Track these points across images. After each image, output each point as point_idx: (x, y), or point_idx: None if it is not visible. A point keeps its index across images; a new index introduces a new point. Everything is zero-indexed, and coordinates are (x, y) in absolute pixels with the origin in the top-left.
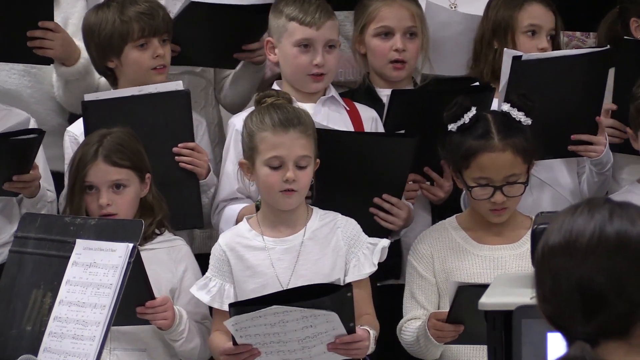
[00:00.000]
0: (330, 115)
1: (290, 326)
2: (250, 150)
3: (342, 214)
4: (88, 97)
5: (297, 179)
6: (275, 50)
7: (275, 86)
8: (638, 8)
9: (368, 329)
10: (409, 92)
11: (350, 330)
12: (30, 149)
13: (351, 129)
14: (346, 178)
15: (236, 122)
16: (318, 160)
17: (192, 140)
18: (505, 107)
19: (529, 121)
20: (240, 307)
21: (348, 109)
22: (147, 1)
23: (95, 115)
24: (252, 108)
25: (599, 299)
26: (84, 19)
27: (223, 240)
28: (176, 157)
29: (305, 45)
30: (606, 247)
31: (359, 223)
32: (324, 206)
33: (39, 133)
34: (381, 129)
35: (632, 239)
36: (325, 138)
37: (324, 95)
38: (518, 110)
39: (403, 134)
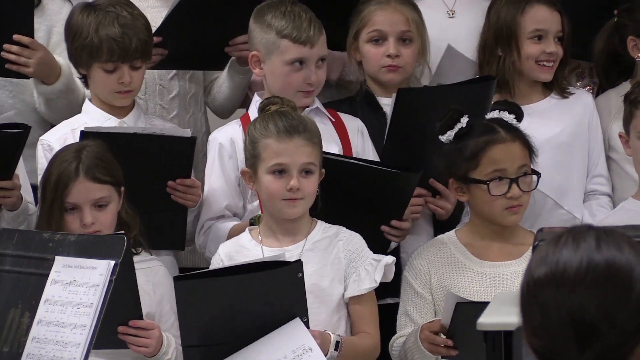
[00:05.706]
0: None
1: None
2: (253, 158)
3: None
4: (89, 128)
5: (301, 187)
6: (262, 64)
7: (256, 97)
8: (636, 26)
9: (330, 333)
10: (415, 91)
11: (305, 326)
12: (14, 145)
13: (337, 140)
14: (348, 200)
15: (218, 136)
16: (323, 171)
17: (189, 177)
18: (495, 113)
19: (519, 125)
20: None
21: (333, 120)
22: (125, 25)
23: None
24: (235, 121)
25: (591, 329)
26: (70, 13)
27: (223, 249)
28: (169, 189)
29: (299, 63)
30: (595, 276)
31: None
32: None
33: (24, 128)
34: (367, 139)
35: (621, 266)
36: (329, 164)
37: (308, 106)
38: (509, 114)
39: (407, 168)
